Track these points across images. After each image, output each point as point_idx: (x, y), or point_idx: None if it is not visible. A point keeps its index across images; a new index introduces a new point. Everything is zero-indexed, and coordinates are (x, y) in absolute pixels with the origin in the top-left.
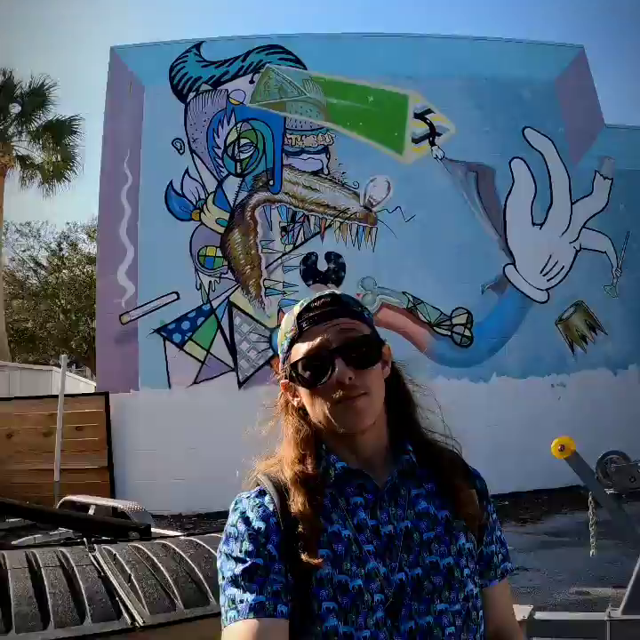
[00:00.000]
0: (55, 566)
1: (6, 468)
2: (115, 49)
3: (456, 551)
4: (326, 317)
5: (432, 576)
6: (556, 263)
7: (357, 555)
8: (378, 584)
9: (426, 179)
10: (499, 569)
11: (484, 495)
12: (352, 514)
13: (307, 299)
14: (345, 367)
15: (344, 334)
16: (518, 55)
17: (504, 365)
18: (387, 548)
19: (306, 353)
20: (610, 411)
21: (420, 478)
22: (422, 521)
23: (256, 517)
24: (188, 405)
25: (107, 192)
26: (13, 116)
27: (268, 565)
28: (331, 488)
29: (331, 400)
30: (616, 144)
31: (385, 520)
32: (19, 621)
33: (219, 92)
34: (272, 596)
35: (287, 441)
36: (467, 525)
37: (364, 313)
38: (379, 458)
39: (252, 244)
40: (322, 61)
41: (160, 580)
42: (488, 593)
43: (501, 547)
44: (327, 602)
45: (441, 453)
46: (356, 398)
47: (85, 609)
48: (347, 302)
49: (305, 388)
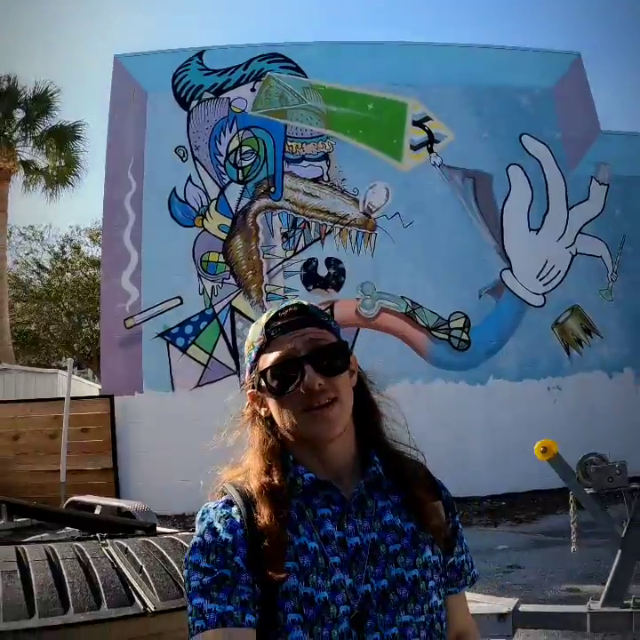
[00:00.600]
0: (72, 559)
1: (12, 469)
2: (118, 57)
3: (422, 564)
4: (294, 326)
5: (398, 588)
6: (553, 268)
7: (323, 567)
8: (343, 596)
9: (424, 185)
10: (469, 576)
11: (450, 506)
12: (319, 525)
13: (273, 308)
14: (314, 374)
15: (312, 342)
16: (516, 63)
17: (501, 368)
18: (353, 560)
19: (274, 361)
20: (605, 413)
21: (386, 490)
22: (389, 533)
23: (223, 529)
24: (191, 408)
25: (111, 198)
26: (17, 121)
27: (236, 576)
28: (297, 499)
29: (299, 408)
30: (612, 150)
31: (352, 532)
32: (41, 607)
33: (221, 100)
34: (240, 605)
35: (253, 451)
36: (433, 538)
37: (331, 323)
38: (346, 469)
39: (253, 249)
40: (322, 69)
41: (169, 571)
42: (454, 599)
43: (469, 554)
44: (292, 614)
45: (405, 465)
46: (327, 406)
47: (101, 596)
48: (314, 312)
49: (273, 397)
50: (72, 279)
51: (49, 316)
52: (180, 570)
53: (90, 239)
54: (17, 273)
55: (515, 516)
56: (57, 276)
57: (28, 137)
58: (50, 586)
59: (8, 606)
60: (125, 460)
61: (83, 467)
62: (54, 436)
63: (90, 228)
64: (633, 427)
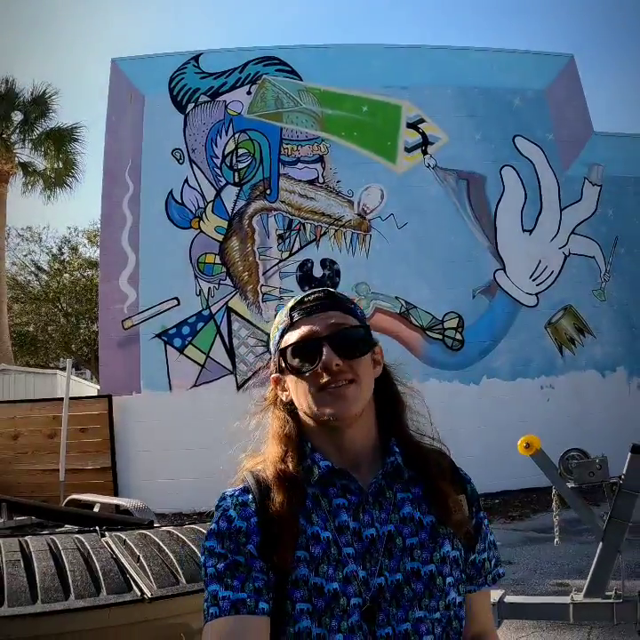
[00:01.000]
0: (73, 549)
1: (12, 468)
2: (116, 61)
3: (439, 558)
4: (318, 310)
5: (412, 582)
6: (546, 268)
7: (336, 557)
8: (355, 587)
9: (418, 187)
10: (490, 575)
11: (475, 501)
12: (334, 515)
13: (301, 293)
14: (332, 354)
15: (334, 325)
16: (509, 65)
17: (494, 368)
18: (367, 552)
19: (294, 340)
20: (598, 412)
21: (407, 481)
22: (406, 526)
23: (237, 516)
24: (189, 407)
25: (109, 201)
26: (16, 123)
27: (249, 563)
28: (313, 488)
29: (316, 386)
30: (605, 151)
31: (367, 523)
32: (44, 594)
33: (217, 103)
34: (253, 592)
35: (272, 436)
36: (454, 532)
37: (357, 310)
38: (365, 458)
39: (249, 251)
40: (317, 72)
41: (165, 560)
42: (474, 597)
43: (494, 551)
44: (301, 603)
45: (428, 456)
46: (344, 386)
47: (101, 583)
48: (340, 298)
49: (292, 376)
50: (70, 280)
51: (47, 317)
52: (175, 559)
53: (87, 240)
54: (15, 274)
55: (508, 513)
56: (55, 278)
57: (26, 139)
58: (52, 574)
59: (13, 593)
60: (123, 459)
61: (81, 466)
62: (53, 436)
63: (87, 230)
64: (625, 425)
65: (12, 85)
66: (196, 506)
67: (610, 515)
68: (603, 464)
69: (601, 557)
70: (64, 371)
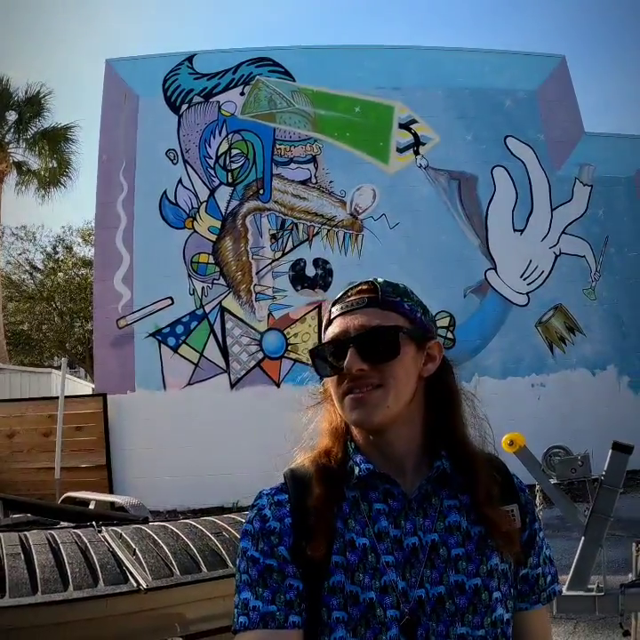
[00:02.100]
0: (71, 542)
1: (8, 466)
2: (110, 61)
3: (486, 572)
4: (354, 307)
5: (456, 596)
6: (536, 268)
7: (374, 565)
8: (393, 599)
9: (410, 187)
10: (545, 592)
11: (529, 511)
12: (374, 521)
13: (350, 284)
14: (356, 357)
15: (364, 326)
16: (500, 65)
17: (485, 366)
18: (408, 562)
19: (325, 341)
20: (588, 410)
21: (455, 488)
22: (452, 535)
23: (272, 516)
24: (183, 406)
25: (103, 201)
26: (10, 123)
27: (282, 568)
28: (354, 491)
29: (342, 392)
30: (596, 151)
31: (410, 531)
32: (43, 585)
33: (210, 104)
34: (284, 605)
35: (321, 431)
36: (504, 545)
37: (404, 304)
38: (410, 461)
39: (242, 251)
40: (310, 73)
41: (160, 553)
42: (527, 617)
43: (550, 567)
44: (337, 611)
45: (479, 461)
46: (368, 391)
47: (98, 575)
48: (384, 290)
49: (321, 376)
50: (64, 279)
51: (41, 315)
52: (170, 552)
53: (82, 239)
54: (9, 273)
55: None
56: (49, 276)
57: (20, 138)
58: (51, 566)
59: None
60: (118, 457)
61: (77, 464)
62: (48, 434)
63: (82, 229)
64: (616, 424)
65: (6, 85)
66: (191, 503)
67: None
68: (585, 461)
69: (583, 552)
70: (59, 369)
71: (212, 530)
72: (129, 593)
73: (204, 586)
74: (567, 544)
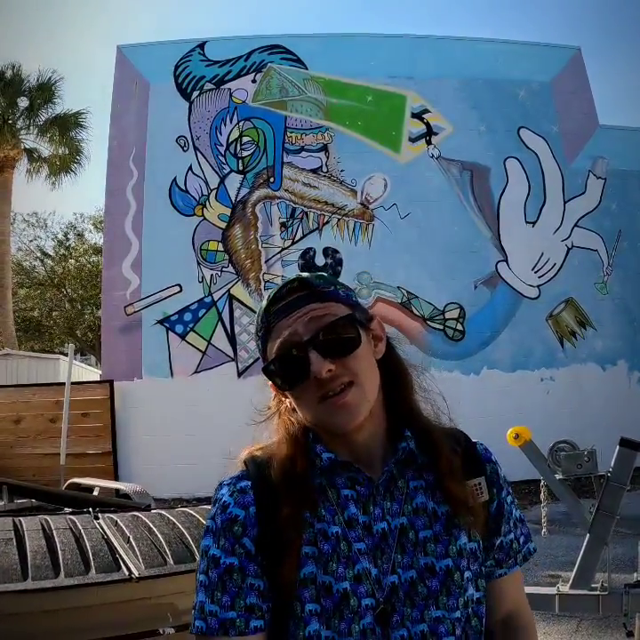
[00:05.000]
0: (65, 529)
1: (14, 452)
2: (121, 48)
3: (456, 552)
4: (292, 308)
5: (427, 579)
6: (548, 260)
7: (346, 554)
8: (367, 587)
9: (422, 177)
10: (520, 554)
11: (495, 482)
12: (342, 507)
13: (273, 289)
14: (321, 359)
15: (314, 322)
16: (515, 56)
17: (495, 359)
18: (378, 548)
19: (275, 353)
20: (598, 405)
21: (420, 468)
22: (419, 517)
23: (234, 503)
24: (189, 394)
25: (113, 187)
26: (21, 109)
27: (244, 567)
28: (320, 478)
29: (314, 399)
30: (610, 144)
31: (378, 516)
32: (34, 572)
33: (222, 91)
34: (245, 611)
35: (279, 439)
36: (472, 521)
37: (339, 291)
38: (377, 447)
39: (252, 239)
40: (322, 61)
41: (154, 541)
42: (504, 580)
43: (522, 527)
44: (310, 604)
45: (439, 436)
46: (343, 392)
47: (90, 563)
48: (316, 284)
49: (284, 391)
50: (75, 266)
51: (52, 302)
52: (164, 541)
53: (93, 226)
54: (20, 259)
55: None
56: (60, 263)
57: (31, 125)
58: (43, 552)
59: (4, 570)
60: (124, 444)
61: (82, 450)
62: (55, 420)
63: (93, 216)
64: (625, 419)
65: (17, 71)
66: (196, 491)
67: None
68: (591, 456)
69: (587, 550)
70: (67, 356)
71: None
72: (120, 581)
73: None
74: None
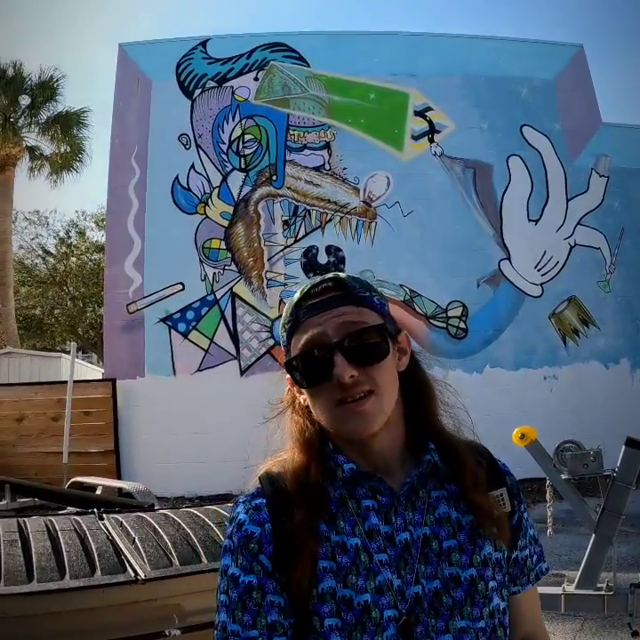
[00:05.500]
0: (70, 530)
1: (16, 450)
2: (123, 45)
3: (480, 561)
4: (325, 306)
5: (452, 590)
6: (551, 259)
7: (367, 565)
8: (390, 599)
9: (424, 175)
10: (533, 572)
11: (516, 494)
12: (363, 518)
13: (308, 283)
14: (345, 364)
15: (345, 326)
16: (517, 54)
17: (498, 357)
18: (401, 558)
19: (300, 349)
20: (600, 404)
21: (442, 478)
22: (442, 527)
23: (249, 520)
24: (192, 392)
25: (115, 185)
26: (23, 107)
27: (262, 584)
28: (339, 489)
29: (332, 402)
30: (613, 142)
31: (400, 526)
32: (40, 573)
33: (224, 89)
34: (266, 629)
35: (292, 443)
36: (497, 531)
37: (374, 298)
38: (396, 459)
39: (254, 237)
40: (325, 59)
41: (160, 542)
42: (520, 598)
43: (536, 546)
44: (330, 619)
45: (463, 449)
46: (362, 400)
47: (96, 564)
48: (352, 287)
49: (303, 388)
50: (77, 264)
51: (54, 300)
52: (170, 542)
53: (95, 224)
54: (22, 258)
55: None
56: (62, 261)
57: (33, 123)
58: (48, 554)
59: (9, 572)
60: (127, 443)
61: (85, 449)
62: (57, 419)
63: (95, 214)
64: (628, 417)
65: (19, 69)
66: (198, 490)
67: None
68: (597, 456)
69: (593, 549)
70: (69, 354)
71: (214, 519)
72: (126, 583)
73: (204, 577)
74: (576, 539)
